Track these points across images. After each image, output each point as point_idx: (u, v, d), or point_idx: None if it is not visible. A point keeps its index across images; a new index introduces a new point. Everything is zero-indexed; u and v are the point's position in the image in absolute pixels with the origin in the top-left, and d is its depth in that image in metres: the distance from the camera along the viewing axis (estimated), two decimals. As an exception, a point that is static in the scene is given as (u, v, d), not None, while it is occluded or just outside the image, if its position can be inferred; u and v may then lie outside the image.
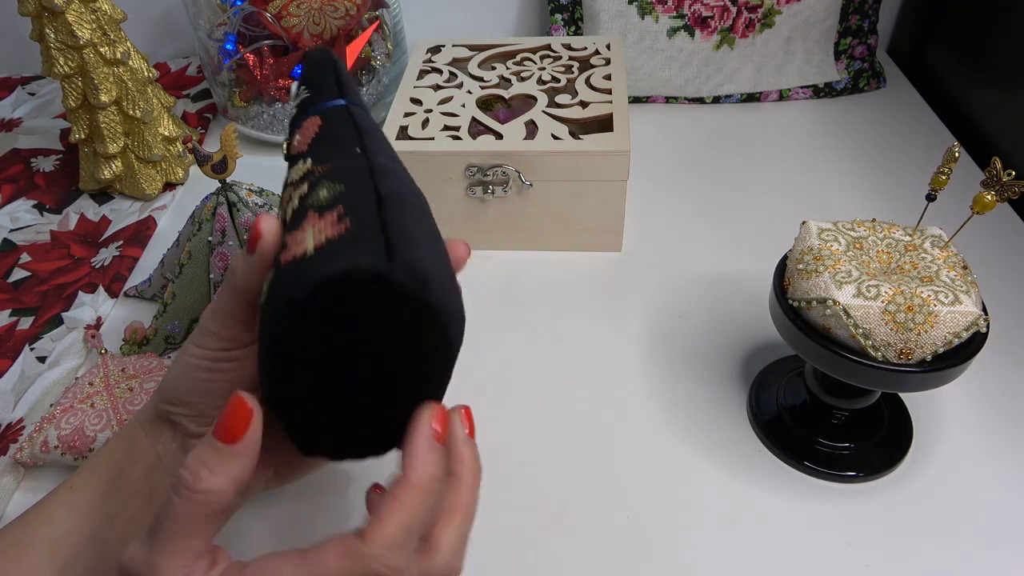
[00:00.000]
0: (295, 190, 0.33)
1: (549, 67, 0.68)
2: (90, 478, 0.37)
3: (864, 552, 0.43)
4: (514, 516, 0.45)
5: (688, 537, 0.44)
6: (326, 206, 0.30)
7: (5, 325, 0.59)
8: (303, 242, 0.29)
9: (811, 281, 0.41)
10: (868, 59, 0.82)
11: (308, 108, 0.37)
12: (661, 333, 0.56)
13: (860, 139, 0.76)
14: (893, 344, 0.39)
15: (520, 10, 0.91)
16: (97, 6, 0.64)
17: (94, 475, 0.37)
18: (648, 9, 0.78)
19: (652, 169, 0.73)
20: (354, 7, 0.73)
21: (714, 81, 0.81)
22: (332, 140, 0.34)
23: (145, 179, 0.71)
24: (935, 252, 0.42)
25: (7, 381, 0.54)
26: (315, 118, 0.35)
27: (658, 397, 0.52)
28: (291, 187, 0.34)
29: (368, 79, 0.77)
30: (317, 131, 0.35)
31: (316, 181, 0.32)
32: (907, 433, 0.48)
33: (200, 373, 0.35)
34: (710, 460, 0.48)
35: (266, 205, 0.55)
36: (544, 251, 0.64)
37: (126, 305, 0.61)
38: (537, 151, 0.58)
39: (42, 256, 0.66)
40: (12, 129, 0.83)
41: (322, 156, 0.33)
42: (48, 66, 0.65)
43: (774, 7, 0.77)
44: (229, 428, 0.29)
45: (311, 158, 0.33)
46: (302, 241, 0.29)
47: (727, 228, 0.66)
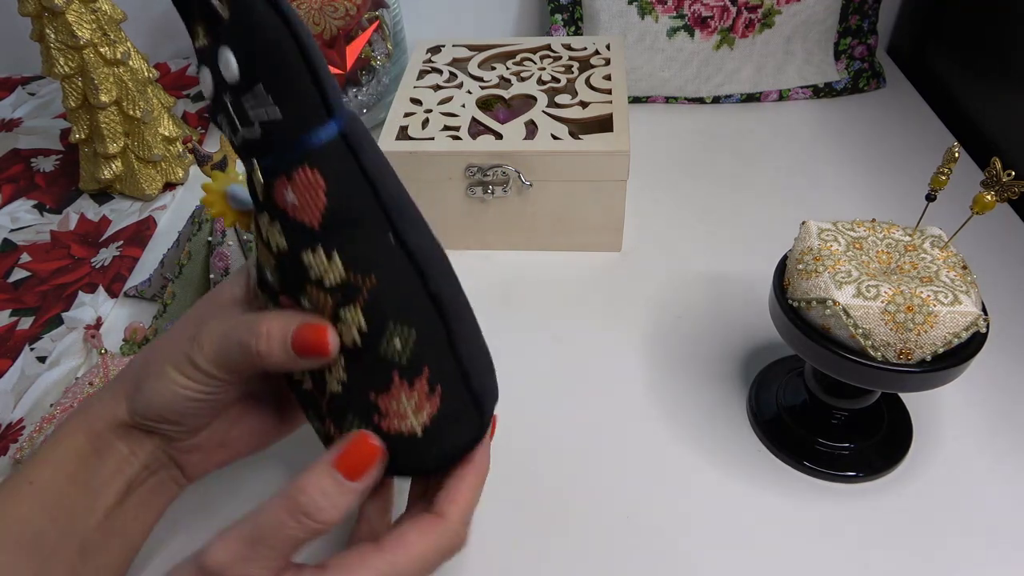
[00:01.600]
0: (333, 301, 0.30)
1: (549, 67, 0.68)
2: (52, 473, 0.35)
3: (864, 552, 0.43)
4: (514, 516, 0.45)
5: (688, 537, 0.44)
6: (410, 369, 0.31)
7: (5, 325, 0.59)
8: (405, 416, 0.32)
9: (811, 281, 0.41)
10: (868, 59, 0.82)
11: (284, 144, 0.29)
12: (661, 333, 0.56)
13: (860, 139, 0.76)
14: (893, 344, 0.39)
15: (520, 10, 0.91)
16: (97, 6, 0.64)
17: (56, 470, 0.35)
18: (648, 9, 0.78)
19: (652, 169, 0.73)
20: (354, 7, 0.73)
21: (714, 81, 0.81)
22: (352, 220, 0.30)
23: (145, 179, 0.71)
24: (935, 252, 0.42)
25: (7, 381, 0.54)
26: (310, 172, 0.29)
27: (658, 397, 0.52)
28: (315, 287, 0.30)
29: (368, 79, 0.77)
30: (325, 201, 0.29)
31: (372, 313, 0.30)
32: (907, 433, 0.48)
33: (189, 403, 0.35)
34: (710, 460, 0.48)
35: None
36: (544, 251, 0.64)
37: (126, 305, 0.61)
38: (537, 151, 0.58)
39: (42, 256, 0.66)
40: (12, 129, 0.83)
41: (351, 255, 0.30)
42: (48, 66, 0.65)
43: (774, 7, 0.77)
44: (354, 466, 0.31)
45: (335, 254, 0.30)
46: (402, 415, 0.32)
47: (727, 228, 0.66)
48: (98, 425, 0.36)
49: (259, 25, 0.27)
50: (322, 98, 0.28)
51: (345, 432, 0.33)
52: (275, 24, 0.27)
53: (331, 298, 0.30)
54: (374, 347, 0.31)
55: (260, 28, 0.27)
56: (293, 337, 0.31)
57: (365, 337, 0.30)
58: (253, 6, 0.26)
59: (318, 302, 0.31)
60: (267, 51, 0.27)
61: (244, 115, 0.28)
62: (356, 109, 0.77)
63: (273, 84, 0.27)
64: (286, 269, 0.31)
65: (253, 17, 0.26)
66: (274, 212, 0.30)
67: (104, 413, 0.36)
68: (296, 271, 0.30)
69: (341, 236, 0.30)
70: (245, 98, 0.28)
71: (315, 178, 0.29)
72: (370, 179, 0.30)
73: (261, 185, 0.29)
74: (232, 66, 0.27)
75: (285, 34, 0.27)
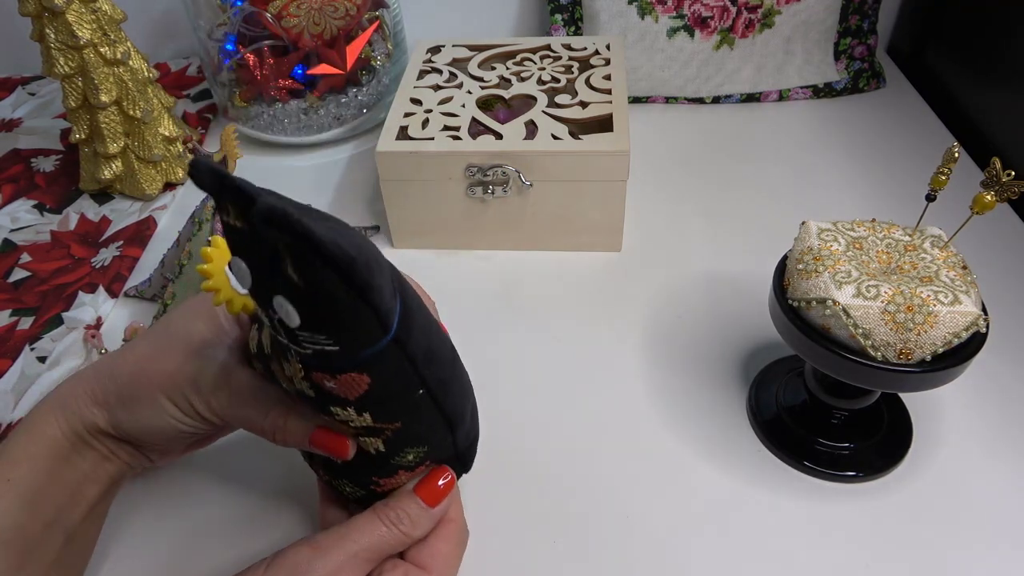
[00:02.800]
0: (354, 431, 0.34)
1: (549, 67, 0.68)
2: (30, 470, 0.35)
3: (864, 552, 0.43)
4: (513, 516, 0.45)
5: (688, 537, 0.44)
6: (415, 465, 0.36)
7: (5, 325, 0.59)
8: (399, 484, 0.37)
9: (811, 281, 0.41)
10: (868, 59, 0.82)
11: (334, 363, 0.29)
12: (661, 333, 0.56)
13: (860, 139, 0.76)
14: (893, 344, 0.39)
15: (520, 10, 0.91)
16: (97, 6, 0.64)
17: (34, 467, 0.35)
18: (648, 9, 0.78)
19: (652, 169, 0.73)
20: (354, 7, 0.73)
21: (714, 81, 0.81)
22: (389, 398, 0.32)
23: (145, 179, 0.71)
24: (935, 252, 0.42)
25: (7, 381, 0.54)
26: (357, 376, 0.30)
27: (658, 397, 0.52)
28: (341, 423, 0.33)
29: (368, 79, 0.77)
30: (366, 390, 0.31)
31: (394, 442, 0.34)
32: (907, 433, 0.48)
33: (180, 434, 0.37)
34: (710, 460, 0.48)
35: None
36: (544, 251, 0.64)
37: (126, 305, 0.61)
38: (537, 151, 0.58)
39: (42, 256, 0.66)
40: (12, 129, 0.83)
41: (381, 413, 0.32)
42: (48, 66, 0.65)
43: (774, 7, 0.77)
44: (435, 496, 0.37)
45: (368, 413, 0.32)
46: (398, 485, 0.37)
47: (727, 228, 0.66)
48: (76, 424, 0.36)
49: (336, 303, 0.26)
50: (379, 321, 0.28)
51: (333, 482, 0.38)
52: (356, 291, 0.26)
53: (352, 430, 0.34)
54: (386, 460, 0.35)
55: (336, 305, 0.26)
56: (312, 438, 0.35)
57: (380, 455, 0.35)
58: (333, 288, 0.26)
59: (340, 423, 0.33)
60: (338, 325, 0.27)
61: (296, 340, 0.28)
62: (356, 109, 0.77)
63: (333, 329, 0.27)
64: (310, 400, 0.32)
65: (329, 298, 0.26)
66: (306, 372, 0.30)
67: (82, 413, 0.37)
68: (320, 406, 0.32)
69: (374, 403, 0.32)
70: (301, 334, 0.28)
71: (361, 378, 0.30)
72: (412, 363, 0.31)
73: (298, 371, 0.30)
74: (293, 316, 0.27)
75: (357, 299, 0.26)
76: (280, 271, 0.26)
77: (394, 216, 0.63)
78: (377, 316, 0.28)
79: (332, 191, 0.72)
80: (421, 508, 0.36)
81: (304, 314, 0.27)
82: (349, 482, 0.37)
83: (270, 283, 0.27)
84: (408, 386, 0.32)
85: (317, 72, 0.75)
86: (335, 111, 0.76)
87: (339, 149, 0.78)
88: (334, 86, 0.76)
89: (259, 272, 0.27)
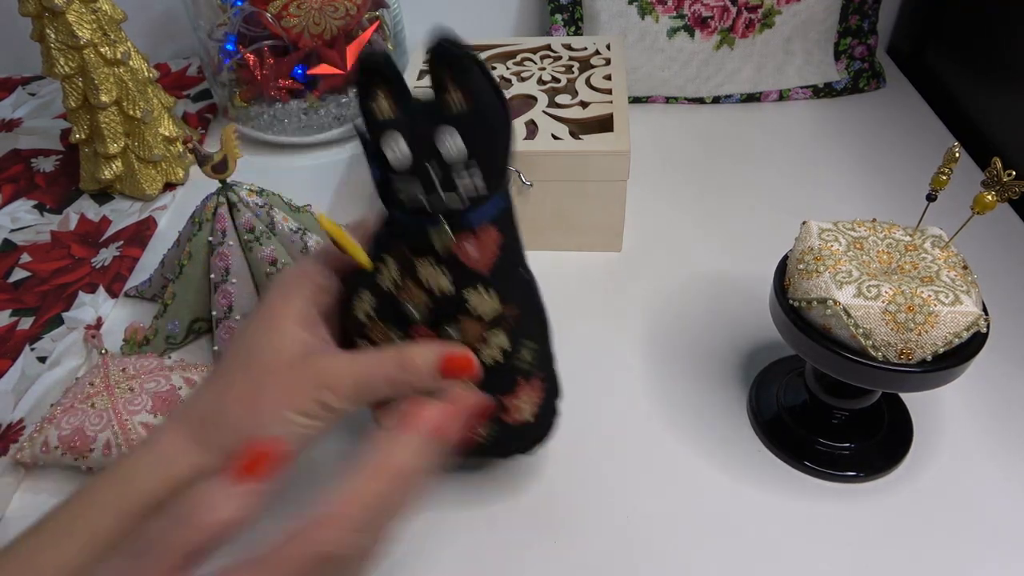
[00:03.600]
0: (485, 328, 0.37)
1: (549, 67, 0.68)
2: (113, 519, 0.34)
3: (864, 552, 0.43)
4: (513, 515, 0.45)
5: (688, 537, 0.44)
6: (530, 372, 0.40)
7: (5, 325, 0.59)
8: (522, 410, 0.41)
9: (811, 281, 0.41)
10: (868, 59, 0.82)
11: (480, 210, 0.35)
12: (661, 333, 0.56)
13: (860, 139, 0.76)
14: (893, 344, 0.39)
15: (520, 10, 0.91)
16: (97, 6, 0.64)
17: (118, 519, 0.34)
18: (648, 9, 0.78)
19: (652, 169, 0.73)
20: (354, 7, 0.73)
21: (714, 81, 0.81)
22: (509, 266, 0.38)
23: (145, 179, 0.71)
24: (935, 252, 0.42)
25: (7, 381, 0.54)
26: (492, 230, 0.36)
27: (658, 397, 0.52)
28: (470, 318, 0.37)
29: (368, 79, 0.77)
30: (498, 251, 0.37)
31: (515, 335, 0.38)
32: (907, 433, 0.48)
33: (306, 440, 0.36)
34: (710, 460, 0.48)
35: (266, 205, 0.55)
36: (544, 251, 0.64)
37: (126, 305, 0.61)
38: (537, 151, 0.58)
39: (42, 256, 0.66)
40: (12, 129, 0.83)
41: (506, 291, 0.37)
42: (48, 66, 0.65)
43: (774, 7, 0.77)
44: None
45: (496, 292, 0.37)
46: (520, 408, 0.40)
47: (727, 228, 0.66)
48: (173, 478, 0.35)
49: (493, 121, 0.34)
50: (507, 172, 0.36)
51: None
52: (504, 121, 0.34)
53: (482, 326, 0.37)
54: (510, 360, 0.39)
55: (492, 123, 0.34)
56: (443, 363, 0.36)
57: (506, 354, 0.38)
58: (492, 105, 0.33)
59: (468, 331, 0.37)
60: (494, 140, 0.34)
61: (451, 183, 0.34)
62: (356, 109, 0.77)
63: (487, 164, 0.34)
64: (441, 305, 0.37)
65: (489, 115, 0.33)
66: (444, 260, 0.36)
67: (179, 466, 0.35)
68: (455, 306, 0.37)
69: (500, 278, 0.37)
70: (458, 172, 0.33)
71: (496, 235, 0.36)
72: (517, 233, 0.38)
73: (448, 238, 0.35)
74: (460, 147, 0.33)
75: (506, 128, 0.34)
76: (445, 112, 0.33)
77: (394, 216, 0.63)
78: (508, 160, 0.35)
79: (332, 191, 0.72)
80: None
81: (470, 139, 0.33)
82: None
83: (432, 134, 0.33)
84: (518, 261, 0.38)
85: (317, 72, 0.75)
86: (335, 111, 0.76)
87: (339, 149, 0.78)
88: (334, 86, 0.76)
89: (416, 130, 0.33)
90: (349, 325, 0.40)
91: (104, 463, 0.46)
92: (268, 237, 0.54)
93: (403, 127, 0.34)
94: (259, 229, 0.53)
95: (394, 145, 0.34)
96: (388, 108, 0.34)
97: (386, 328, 0.39)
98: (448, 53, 0.32)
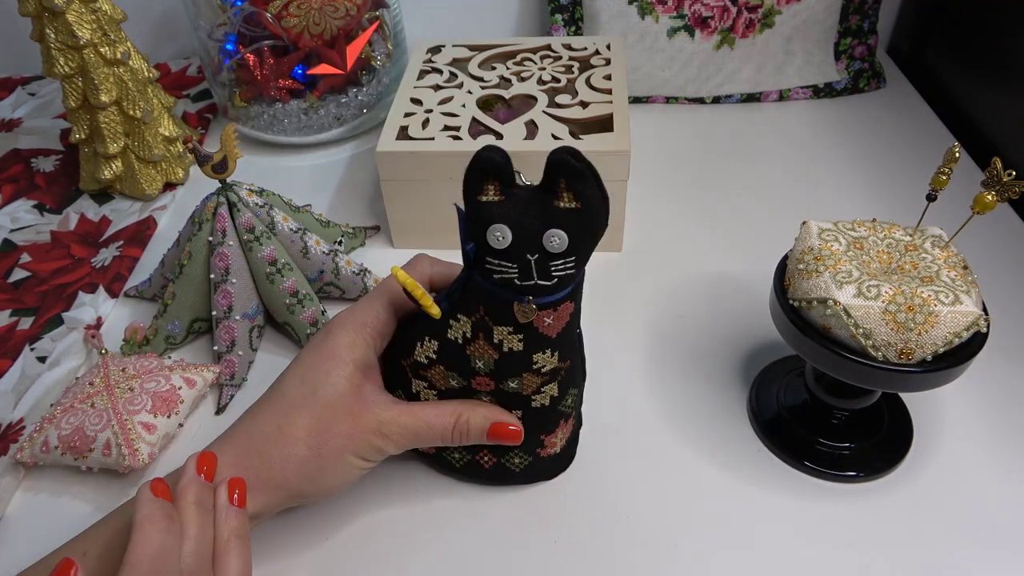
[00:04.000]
0: (542, 382, 0.42)
1: (549, 67, 0.68)
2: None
3: (864, 552, 0.43)
4: (513, 515, 0.45)
5: (688, 537, 0.44)
6: (570, 414, 0.45)
7: (5, 325, 0.59)
8: (556, 445, 0.46)
9: (811, 281, 0.41)
10: (868, 59, 0.82)
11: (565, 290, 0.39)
12: (661, 333, 0.56)
13: (860, 139, 0.76)
14: (893, 344, 0.39)
15: (520, 10, 0.91)
16: (97, 6, 0.64)
17: None
18: (648, 9, 0.78)
19: (652, 169, 0.73)
20: (354, 7, 0.73)
21: (714, 81, 0.81)
22: (571, 329, 0.41)
23: (145, 179, 0.71)
24: (935, 252, 0.42)
25: (7, 381, 0.54)
26: (569, 303, 0.40)
27: (658, 397, 0.52)
28: (531, 373, 0.41)
29: (368, 79, 0.77)
30: (568, 321, 0.40)
31: (564, 384, 0.43)
32: (907, 433, 0.48)
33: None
34: (710, 460, 0.48)
35: (266, 205, 0.55)
36: (544, 251, 0.64)
37: (126, 305, 0.61)
38: (537, 151, 0.58)
39: (42, 256, 0.66)
40: (12, 129, 0.83)
41: (566, 351, 0.41)
42: (48, 66, 0.65)
43: (774, 7, 0.77)
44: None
45: (557, 352, 0.41)
46: (556, 444, 0.45)
47: (727, 228, 0.66)
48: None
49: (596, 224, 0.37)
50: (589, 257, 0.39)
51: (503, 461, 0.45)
52: (605, 220, 0.37)
53: (539, 379, 0.41)
54: (556, 405, 0.43)
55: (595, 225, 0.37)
56: (491, 430, 0.42)
57: (553, 400, 0.43)
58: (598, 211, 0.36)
59: (527, 383, 0.41)
60: (591, 239, 0.37)
61: (546, 272, 0.37)
62: (356, 109, 0.77)
63: (582, 255, 0.37)
64: (509, 362, 0.40)
65: (594, 218, 0.36)
66: (522, 328, 0.39)
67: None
68: (521, 364, 0.40)
69: (565, 340, 0.41)
70: (555, 263, 0.37)
71: (570, 307, 0.40)
72: (581, 298, 0.41)
73: (533, 312, 0.38)
74: (564, 246, 0.36)
75: (605, 225, 0.37)
76: (552, 209, 0.36)
77: (394, 216, 0.63)
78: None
79: (332, 191, 0.72)
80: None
81: (572, 234, 0.36)
82: (520, 452, 0.45)
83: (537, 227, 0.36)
84: (577, 322, 0.42)
85: (317, 72, 0.75)
86: (335, 111, 0.76)
87: (339, 149, 0.78)
88: (334, 86, 0.76)
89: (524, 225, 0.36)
90: (407, 363, 0.43)
91: (104, 463, 0.46)
92: (268, 237, 0.54)
93: (509, 220, 0.36)
94: (259, 229, 0.53)
95: (499, 235, 0.36)
96: (494, 193, 0.37)
97: (447, 373, 0.42)
98: (567, 164, 0.35)
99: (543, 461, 0.46)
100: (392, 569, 0.43)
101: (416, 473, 0.48)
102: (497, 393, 0.42)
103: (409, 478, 0.47)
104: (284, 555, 0.44)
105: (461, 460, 0.46)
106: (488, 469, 0.46)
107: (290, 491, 0.39)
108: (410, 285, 0.40)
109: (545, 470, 0.47)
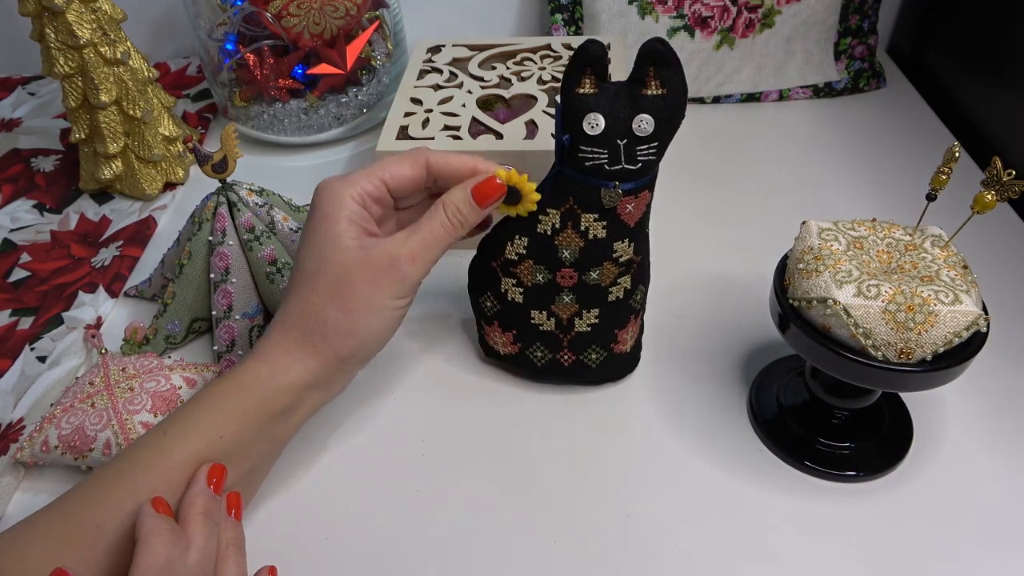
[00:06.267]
0: (618, 273, 0.46)
1: (549, 67, 0.68)
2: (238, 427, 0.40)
3: (864, 552, 0.43)
4: (513, 515, 0.45)
5: (688, 537, 0.44)
6: (639, 311, 0.50)
7: (5, 325, 0.59)
8: (627, 342, 0.50)
9: (811, 280, 0.41)
10: (868, 59, 0.82)
11: (647, 177, 0.43)
12: (661, 333, 0.56)
13: (860, 139, 0.76)
14: (893, 344, 0.39)
15: (520, 10, 0.91)
16: (97, 6, 0.64)
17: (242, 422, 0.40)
18: (648, 9, 0.78)
19: (652, 169, 0.73)
20: (354, 7, 0.73)
21: (714, 81, 0.81)
22: (646, 223, 0.46)
23: (145, 179, 0.71)
24: (935, 252, 0.42)
25: (7, 381, 0.54)
26: (647, 192, 0.44)
27: (658, 397, 0.52)
28: (611, 263, 0.46)
29: (368, 79, 0.77)
30: (644, 211, 0.45)
31: (635, 278, 0.48)
32: (907, 433, 0.48)
33: (398, 322, 0.44)
34: (710, 460, 0.48)
35: (266, 205, 0.55)
36: (544, 251, 0.64)
37: (126, 305, 0.61)
38: (537, 151, 0.58)
39: (42, 256, 0.66)
40: (12, 129, 0.83)
41: (639, 243, 0.46)
42: (48, 66, 0.65)
43: (774, 7, 0.77)
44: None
45: (634, 244, 0.46)
46: (625, 341, 0.50)
47: (727, 228, 0.66)
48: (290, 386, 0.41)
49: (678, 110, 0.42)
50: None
51: (581, 357, 0.49)
52: (684, 109, 0.42)
53: (617, 270, 0.46)
54: (628, 299, 0.48)
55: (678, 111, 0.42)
56: (473, 193, 0.43)
57: (627, 293, 0.48)
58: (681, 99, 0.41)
59: (606, 273, 0.46)
60: (673, 124, 0.42)
61: (633, 156, 0.42)
62: (356, 109, 0.77)
63: (664, 141, 0.42)
64: (593, 250, 0.45)
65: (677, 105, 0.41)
66: (606, 214, 0.44)
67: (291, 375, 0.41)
68: (602, 252, 0.45)
69: (639, 232, 0.46)
70: (641, 147, 0.42)
71: (647, 197, 0.45)
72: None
73: (618, 196, 0.43)
74: (651, 127, 0.41)
75: (683, 114, 0.42)
76: (640, 97, 0.41)
77: (394, 216, 0.63)
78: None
79: (332, 191, 0.72)
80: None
81: (659, 119, 0.41)
82: (596, 347, 0.49)
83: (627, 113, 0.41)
84: (648, 217, 0.46)
85: (317, 72, 0.75)
86: (335, 111, 0.76)
87: (339, 149, 0.78)
88: (334, 86, 0.76)
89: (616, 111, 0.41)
90: (498, 263, 0.47)
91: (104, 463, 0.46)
92: (268, 237, 0.54)
93: (603, 108, 0.41)
94: (259, 229, 0.53)
95: (594, 122, 0.41)
96: (590, 86, 0.41)
97: (535, 268, 0.46)
98: (657, 51, 0.40)
99: (616, 358, 0.50)
100: (391, 569, 0.43)
101: (416, 479, 0.48)
102: (579, 288, 0.46)
103: (408, 484, 0.47)
104: (284, 554, 0.44)
105: (543, 359, 0.50)
106: (567, 367, 0.50)
107: (337, 352, 0.42)
108: (515, 180, 0.44)
109: (616, 368, 0.51)
